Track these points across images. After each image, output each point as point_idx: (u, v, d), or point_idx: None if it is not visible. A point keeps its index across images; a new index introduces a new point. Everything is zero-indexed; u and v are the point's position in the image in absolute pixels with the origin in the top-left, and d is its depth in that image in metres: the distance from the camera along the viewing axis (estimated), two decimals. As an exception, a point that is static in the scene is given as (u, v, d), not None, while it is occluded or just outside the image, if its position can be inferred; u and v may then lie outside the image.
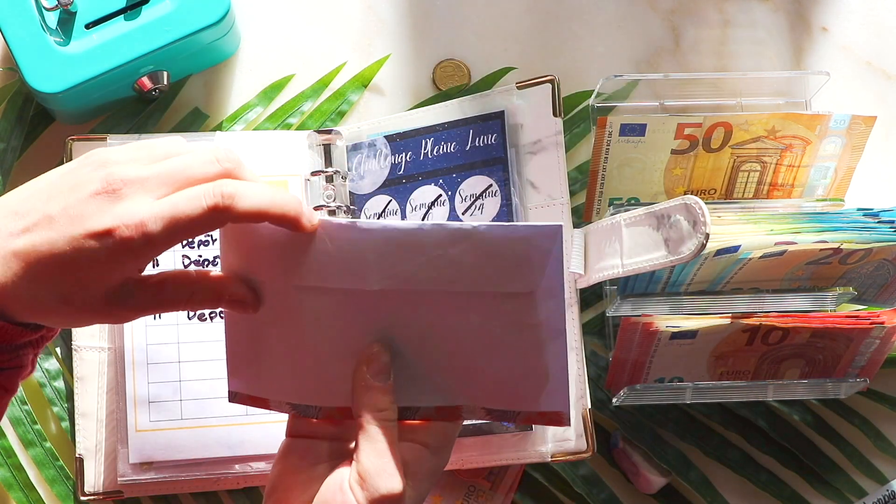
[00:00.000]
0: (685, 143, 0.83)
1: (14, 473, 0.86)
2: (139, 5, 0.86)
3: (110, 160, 0.67)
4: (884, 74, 0.93)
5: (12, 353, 0.68)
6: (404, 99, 0.92)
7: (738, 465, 0.87)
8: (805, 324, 0.79)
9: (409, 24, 0.93)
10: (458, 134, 0.85)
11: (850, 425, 0.88)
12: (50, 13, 0.86)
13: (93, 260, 0.65)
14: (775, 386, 0.83)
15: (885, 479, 0.88)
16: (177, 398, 0.83)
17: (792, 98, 0.90)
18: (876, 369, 0.84)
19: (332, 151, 0.88)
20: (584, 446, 0.81)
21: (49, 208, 0.66)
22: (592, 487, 0.86)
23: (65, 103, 0.86)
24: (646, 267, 0.76)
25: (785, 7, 0.93)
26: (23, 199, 0.67)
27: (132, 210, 0.65)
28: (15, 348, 0.68)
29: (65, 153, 0.86)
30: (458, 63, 0.92)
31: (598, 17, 0.93)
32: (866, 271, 0.81)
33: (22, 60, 0.84)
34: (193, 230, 0.65)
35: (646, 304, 0.80)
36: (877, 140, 0.90)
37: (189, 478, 0.84)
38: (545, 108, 0.84)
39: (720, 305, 0.80)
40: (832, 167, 0.85)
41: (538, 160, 0.84)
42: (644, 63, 0.92)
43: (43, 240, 0.66)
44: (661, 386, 0.83)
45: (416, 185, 0.86)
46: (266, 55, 0.92)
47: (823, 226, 0.79)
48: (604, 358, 0.87)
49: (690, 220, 0.74)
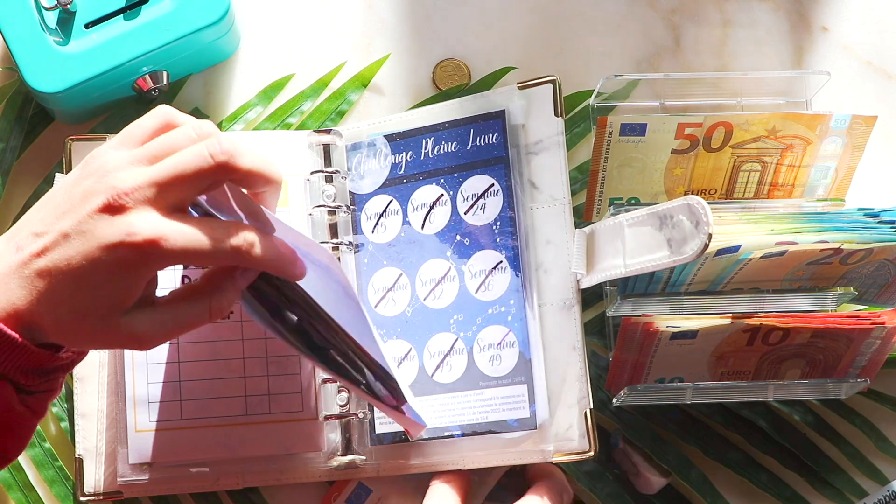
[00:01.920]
0: (685, 143, 0.83)
1: (13, 474, 0.86)
2: (138, 5, 0.86)
3: (109, 167, 0.69)
4: (884, 74, 0.93)
5: (45, 376, 0.70)
6: (404, 99, 0.92)
7: (739, 465, 0.87)
8: (806, 324, 0.79)
9: (410, 24, 0.93)
10: (459, 133, 0.85)
11: (851, 426, 0.88)
12: (49, 13, 0.86)
13: (108, 273, 0.67)
14: (776, 386, 0.83)
15: (885, 479, 0.88)
16: (177, 398, 0.83)
17: (792, 98, 0.90)
18: (877, 369, 0.84)
19: (331, 151, 0.87)
20: (586, 446, 0.81)
21: (62, 226, 0.68)
22: (596, 482, 0.86)
23: (64, 103, 0.86)
24: (648, 267, 0.76)
25: (785, 7, 0.93)
26: (40, 218, 0.69)
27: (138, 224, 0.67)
28: (48, 371, 0.70)
29: (64, 153, 0.86)
30: (458, 63, 0.92)
31: (598, 17, 0.93)
32: (867, 271, 0.81)
33: (21, 60, 0.84)
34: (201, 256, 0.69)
35: (646, 305, 0.80)
36: (877, 140, 0.90)
37: (189, 478, 0.83)
38: (546, 109, 0.84)
39: (721, 305, 0.80)
40: (833, 167, 0.85)
41: (539, 160, 0.84)
42: (644, 63, 0.92)
43: (60, 257, 0.67)
44: (661, 386, 0.83)
45: (416, 185, 0.86)
46: (266, 55, 0.92)
47: (824, 226, 0.79)
48: (604, 358, 0.87)
49: (693, 221, 0.74)
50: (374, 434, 0.84)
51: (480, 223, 0.84)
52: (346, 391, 0.84)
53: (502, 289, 0.83)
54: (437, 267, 0.85)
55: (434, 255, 0.85)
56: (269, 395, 0.84)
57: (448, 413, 0.83)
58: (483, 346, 0.83)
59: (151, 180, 0.68)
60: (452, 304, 0.84)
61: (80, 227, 0.67)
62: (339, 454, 0.84)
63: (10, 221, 0.89)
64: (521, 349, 0.82)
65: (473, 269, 0.84)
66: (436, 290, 0.85)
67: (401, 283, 0.85)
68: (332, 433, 0.85)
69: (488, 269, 0.83)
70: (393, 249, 0.86)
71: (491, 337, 0.83)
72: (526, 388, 0.81)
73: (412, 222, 0.86)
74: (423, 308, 0.85)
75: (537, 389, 0.81)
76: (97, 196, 0.68)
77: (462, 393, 0.83)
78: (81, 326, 0.68)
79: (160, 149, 0.70)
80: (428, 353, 0.84)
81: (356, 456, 0.84)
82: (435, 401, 0.83)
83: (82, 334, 0.69)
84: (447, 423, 0.83)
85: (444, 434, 0.83)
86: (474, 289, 0.84)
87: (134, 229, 0.67)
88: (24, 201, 0.89)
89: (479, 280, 0.84)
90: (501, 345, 0.82)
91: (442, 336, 0.84)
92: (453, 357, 0.83)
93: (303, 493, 0.87)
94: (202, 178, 0.69)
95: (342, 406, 0.84)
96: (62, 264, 0.67)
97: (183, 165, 0.68)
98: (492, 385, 0.82)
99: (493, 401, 0.82)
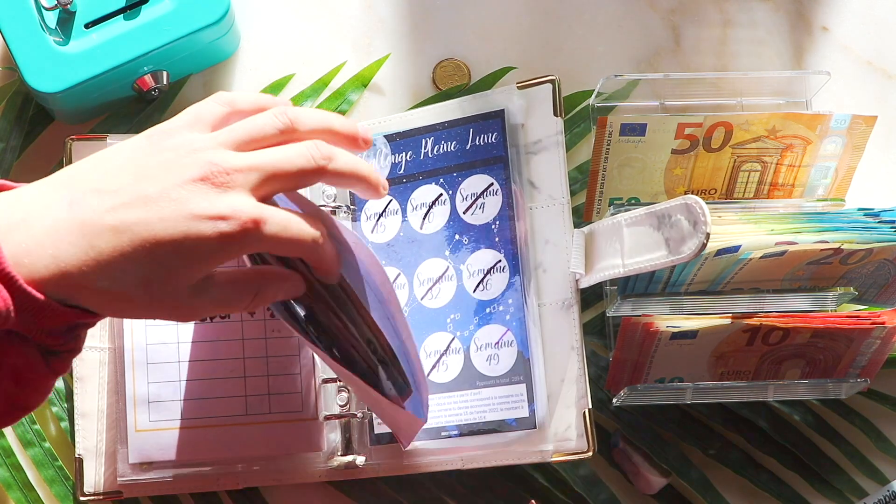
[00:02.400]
0: (685, 143, 0.83)
1: (13, 473, 0.86)
2: (138, 5, 0.86)
3: (196, 145, 0.67)
4: (884, 74, 0.93)
5: (69, 334, 0.65)
6: (404, 98, 0.92)
7: (739, 465, 0.87)
8: (806, 324, 0.79)
9: (410, 24, 0.93)
10: (458, 133, 0.85)
11: (851, 426, 0.88)
12: (49, 13, 0.86)
13: (196, 244, 0.64)
14: (776, 386, 0.83)
15: (885, 479, 0.88)
16: (177, 398, 0.83)
17: (792, 98, 0.90)
18: (877, 369, 0.84)
19: (331, 151, 0.87)
20: (584, 446, 0.81)
21: (143, 189, 0.64)
22: (592, 487, 0.86)
23: (64, 103, 0.86)
24: (647, 267, 0.76)
25: (785, 7, 0.93)
26: (101, 176, 0.65)
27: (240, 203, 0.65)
28: (72, 328, 0.65)
29: (65, 153, 0.86)
30: (458, 63, 0.92)
31: (598, 16, 0.93)
32: (867, 271, 0.81)
33: (21, 60, 0.84)
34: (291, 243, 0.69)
35: (646, 305, 0.80)
36: (877, 140, 0.90)
37: (189, 478, 0.83)
38: (546, 108, 0.84)
39: (721, 305, 0.80)
40: (833, 167, 0.85)
41: (539, 160, 0.84)
42: (644, 63, 0.92)
43: (139, 219, 0.63)
44: (661, 386, 0.83)
45: (416, 185, 0.86)
46: (266, 55, 0.92)
47: (824, 226, 0.79)
48: (604, 358, 0.87)
49: (691, 220, 0.74)
50: (373, 434, 0.84)
51: (479, 222, 0.84)
52: (346, 391, 0.84)
53: (501, 288, 0.83)
54: (436, 266, 0.85)
55: (432, 255, 0.85)
56: (269, 395, 0.84)
57: (445, 413, 0.83)
58: (480, 346, 0.83)
59: (255, 166, 0.67)
60: (449, 303, 0.84)
61: (169, 193, 0.64)
62: (338, 454, 0.84)
63: (10, 221, 0.89)
64: (519, 348, 0.82)
65: (472, 268, 0.84)
66: (433, 290, 0.85)
67: (399, 282, 0.85)
68: (332, 433, 0.85)
69: (487, 268, 0.83)
70: (391, 249, 0.86)
71: (489, 336, 0.83)
72: (525, 388, 0.81)
73: (411, 222, 0.86)
74: (420, 308, 0.85)
75: (537, 388, 0.81)
76: (191, 168, 0.65)
77: (458, 392, 0.83)
78: (136, 295, 0.64)
79: (246, 135, 0.69)
80: (424, 353, 0.84)
81: (356, 456, 0.84)
82: (432, 401, 0.83)
83: (133, 303, 0.65)
84: (444, 423, 0.83)
85: (442, 434, 0.83)
86: (472, 288, 0.84)
87: (238, 206, 0.65)
88: (25, 201, 0.89)
89: (477, 279, 0.84)
90: (499, 344, 0.82)
91: (438, 336, 0.84)
92: (449, 356, 0.83)
93: (303, 494, 0.87)
94: (302, 177, 0.69)
95: (342, 406, 0.84)
96: (140, 227, 0.63)
97: (288, 162, 0.68)
98: (490, 384, 0.82)
99: (492, 400, 0.82)
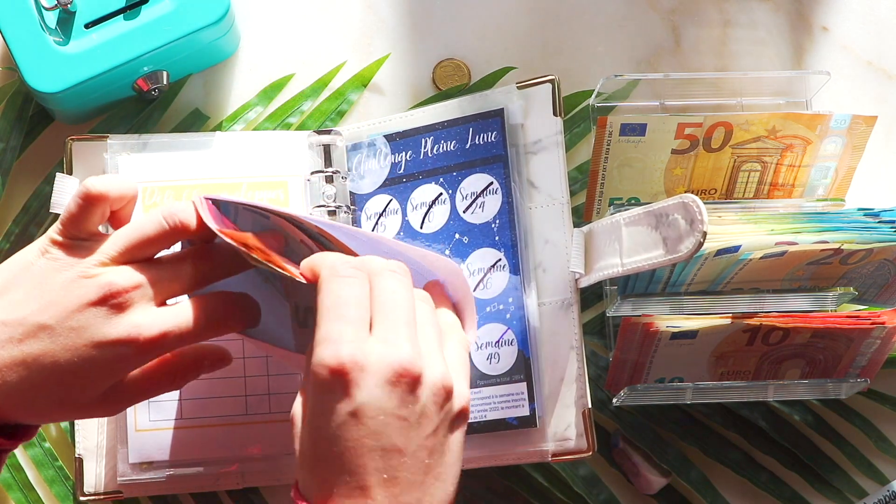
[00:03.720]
0: (685, 143, 0.83)
1: (13, 474, 0.86)
2: (138, 5, 0.86)
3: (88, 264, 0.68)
4: (884, 74, 0.93)
5: None
6: (404, 98, 0.92)
7: (739, 465, 0.87)
8: (805, 324, 0.79)
9: (409, 24, 0.93)
10: (458, 132, 0.85)
11: (851, 426, 0.88)
12: (49, 13, 0.86)
13: (98, 367, 0.67)
14: (776, 386, 0.83)
15: (885, 479, 0.88)
16: (177, 398, 0.83)
17: (792, 98, 0.90)
18: (877, 369, 0.84)
19: (331, 151, 0.87)
20: (584, 446, 0.81)
21: (42, 318, 0.67)
22: (592, 488, 0.86)
23: (64, 103, 0.86)
24: (645, 266, 0.76)
25: (785, 7, 0.93)
26: (6, 305, 0.68)
27: (140, 319, 0.67)
28: None
29: (65, 153, 0.86)
30: (458, 63, 0.92)
31: (598, 17, 0.93)
32: (867, 271, 0.81)
33: (21, 60, 0.84)
34: None
35: (646, 305, 0.80)
36: (877, 140, 0.90)
37: (189, 478, 0.83)
38: (545, 108, 0.84)
39: (721, 306, 0.80)
40: (833, 167, 0.85)
41: (538, 160, 0.84)
42: (644, 63, 0.92)
43: (42, 350, 0.66)
44: (661, 386, 0.83)
45: (416, 184, 0.86)
46: (266, 55, 0.92)
47: (824, 226, 0.79)
48: (604, 358, 0.87)
49: (688, 219, 0.74)
50: (373, 434, 0.84)
51: (479, 221, 0.84)
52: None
53: (501, 286, 0.83)
54: (436, 266, 0.85)
55: (433, 254, 0.85)
56: (268, 395, 0.84)
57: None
58: (481, 344, 0.83)
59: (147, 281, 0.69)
60: (449, 302, 0.84)
61: (66, 322, 0.66)
62: (338, 454, 0.84)
63: (9, 221, 0.89)
64: (520, 347, 0.82)
65: (472, 266, 0.84)
66: (433, 289, 0.85)
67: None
68: (332, 433, 0.84)
69: (487, 266, 0.83)
70: (392, 249, 0.86)
71: (489, 335, 0.83)
72: (525, 386, 0.81)
73: (411, 221, 0.86)
74: (421, 307, 0.85)
75: (537, 387, 0.81)
76: (85, 290, 0.67)
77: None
78: (56, 412, 0.69)
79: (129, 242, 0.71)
80: None
81: (356, 456, 0.84)
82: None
83: (51, 418, 0.70)
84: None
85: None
86: (473, 286, 0.83)
87: (138, 323, 0.67)
88: (24, 201, 0.89)
89: (477, 278, 0.84)
90: (500, 343, 0.82)
91: None
92: (450, 355, 0.83)
93: (302, 494, 0.87)
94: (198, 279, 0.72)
95: (342, 406, 0.84)
96: (45, 359, 0.66)
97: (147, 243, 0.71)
98: (490, 383, 0.82)
99: (492, 399, 0.82)
